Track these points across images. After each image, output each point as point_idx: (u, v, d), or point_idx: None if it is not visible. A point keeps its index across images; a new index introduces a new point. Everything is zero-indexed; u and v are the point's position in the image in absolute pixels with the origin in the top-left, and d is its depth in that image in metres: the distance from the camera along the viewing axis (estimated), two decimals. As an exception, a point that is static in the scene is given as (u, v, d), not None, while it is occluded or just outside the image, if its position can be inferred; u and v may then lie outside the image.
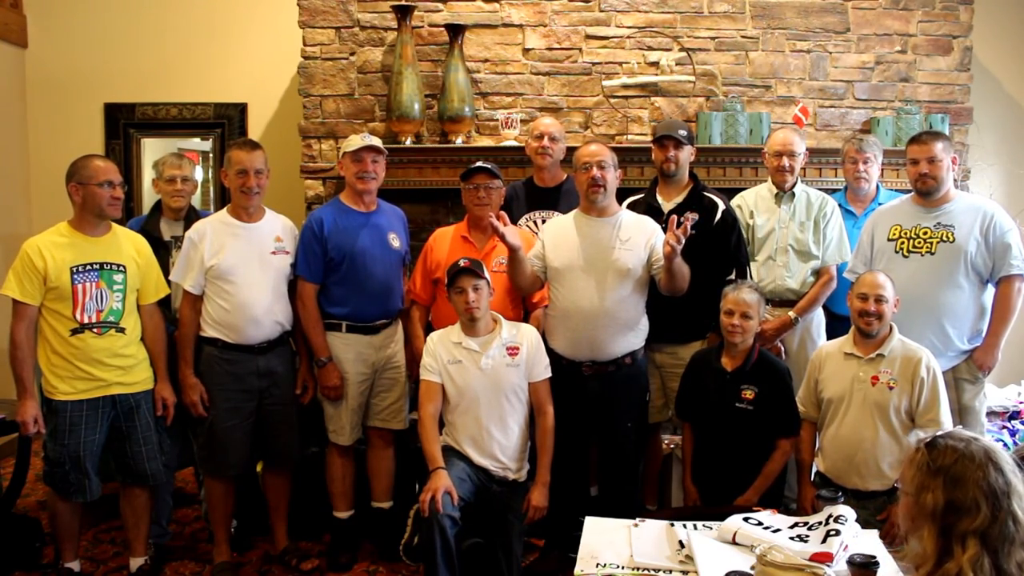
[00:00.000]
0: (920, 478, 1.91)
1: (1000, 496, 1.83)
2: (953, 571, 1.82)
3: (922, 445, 1.95)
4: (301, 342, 4.16)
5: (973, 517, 1.83)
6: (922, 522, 1.90)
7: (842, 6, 5.64)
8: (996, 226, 3.89)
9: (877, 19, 5.67)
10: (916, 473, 1.92)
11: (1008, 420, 5.38)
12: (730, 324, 3.63)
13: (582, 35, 5.51)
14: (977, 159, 5.93)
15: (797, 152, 4.21)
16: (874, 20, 5.67)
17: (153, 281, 3.95)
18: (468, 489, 3.65)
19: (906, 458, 1.97)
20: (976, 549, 1.81)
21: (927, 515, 1.88)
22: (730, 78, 5.56)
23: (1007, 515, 1.83)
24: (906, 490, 1.95)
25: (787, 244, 4.18)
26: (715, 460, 3.72)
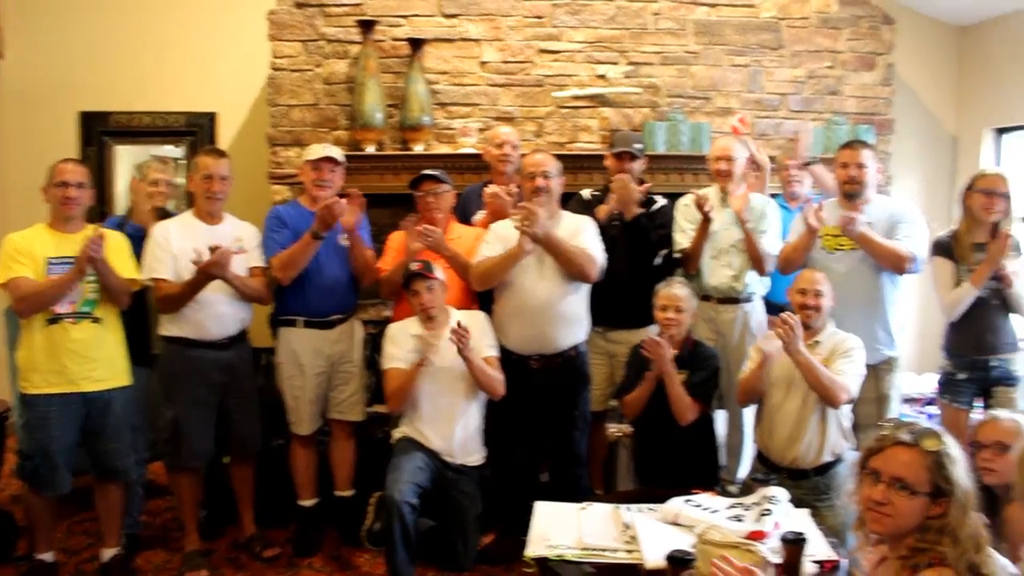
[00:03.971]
0: (938, 473, 1.88)
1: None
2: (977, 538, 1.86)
3: (938, 447, 1.90)
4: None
5: (971, 492, 1.90)
6: (942, 511, 1.86)
7: (777, 24, 5.65)
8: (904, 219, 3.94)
9: (808, 37, 5.70)
10: (935, 472, 1.88)
11: (924, 406, 5.42)
12: (665, 318, 3.66)
13: (535, 49, 5.46)
14: (899, 166, 5.98)
15: (735, 158, 4.19)
16: (806, 38, 5.69)
17: (122, 261, 3.77)
18: (426, 477, 3.64)
19: (906, 462, 1.90)
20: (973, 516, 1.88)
21: (952, 502, 1.86)
22: (673, 90, 5.55)
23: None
24: (925, 491, 1.88)
25: (731, 244, 4.16)
26: (656, 443, 3.69)
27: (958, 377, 3.94)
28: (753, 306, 4.24)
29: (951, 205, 5.89)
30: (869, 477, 1.92)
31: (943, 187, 6.31)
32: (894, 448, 1.89)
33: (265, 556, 4.07)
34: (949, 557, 1.79)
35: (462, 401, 3.74)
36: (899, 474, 1.87)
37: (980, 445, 2.80)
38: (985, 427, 2.85)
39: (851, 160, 3.94)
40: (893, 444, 1.90)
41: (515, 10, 5.41)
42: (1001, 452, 2.74)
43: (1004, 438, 2.76)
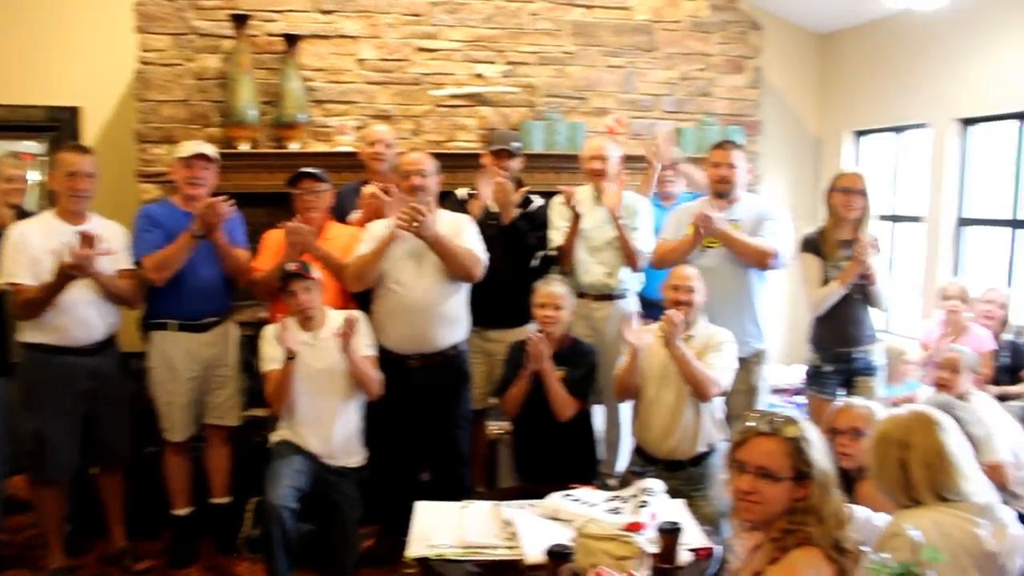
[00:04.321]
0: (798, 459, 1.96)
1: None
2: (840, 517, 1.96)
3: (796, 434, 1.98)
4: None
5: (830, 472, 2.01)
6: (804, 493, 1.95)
7: (650, 27, 5.79)
8: (769, 216, 4.09)
9: (681, 40, 5.85)
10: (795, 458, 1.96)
11: (793, 396, 5.64)
12: (544, 316, 3.69)
13: (413, 47, 5.43)
14: (767, 166, 6.20)
15: (610, 157, 4.27)
16: (678, 41, 5.85)
17: None
18: (305, 480, 3.57)
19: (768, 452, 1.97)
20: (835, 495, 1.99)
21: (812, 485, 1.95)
22: (550, 90, 5.62)
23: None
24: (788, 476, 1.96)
25: (605, 242, 4.23)
26: (536, 440, 3.73)
27: (823, 369, 4.12)
28: (628, 302, 4.33)
29: (816, 203, 6.17)
30: (736, 469, 1.99)
31: (808, 186, 6.59)
32: (756, 439, 1.97)
33: (137, 570, 3.94)
34: (815, 536, 1.88)
35: (340, 402, 3.69)
36: (762, 463, 1.94)
37: (837, 431, 2.94)
38: (841, 414, 3.00)
39: (722, 160, 4.07)
40: (755, 435, 1.98)
41: (393, 8, 5.38)
42: (856, 437, 2.89)
43: (859, 424, 2.91)
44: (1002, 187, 5.43)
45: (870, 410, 2.94)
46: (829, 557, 1.86)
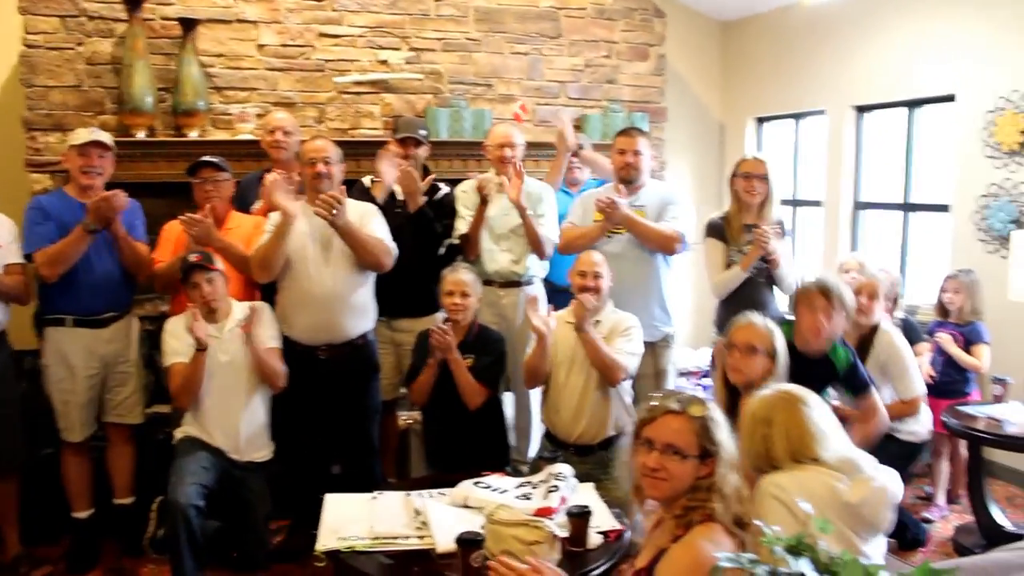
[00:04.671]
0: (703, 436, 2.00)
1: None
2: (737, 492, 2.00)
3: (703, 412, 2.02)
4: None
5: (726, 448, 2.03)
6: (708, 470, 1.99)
7: (555, 14, 5.82)
8: (673, 202, 4.15)
9: (586, 27, 5.90)
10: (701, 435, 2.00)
11: (700, 379, 5.79)
12: (451, 303, 3.67)
13: (315, 33, 5.35)
14: (672, 152, 6.32)
15: (517, 144, 4.28)
16: (583, 28, 5.90)
17: None
18: (212, 477, 3.51)
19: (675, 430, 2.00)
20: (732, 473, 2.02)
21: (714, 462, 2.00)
22: (455, 77, 5.61)
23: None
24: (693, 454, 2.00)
25: (510, 229, 4.25)
26: (446, 428, 3.74)
27: (728, 349, 4.21)
28: (534, 289, 4.35)
29: (721, 188, 6.32)
30: (643, 446, 2.03)
31: (713, 172, 6.74)
32: (665, 417, 2.01)
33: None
34: (717, 512, 1.93)
35: (246, 396, 3.62)
36: (670, 440, 1.99)
37: (732, 346, 3.00)
38: (740, 330, 3.05)
39: (627, 147, 4.11)
40: (663, 413, 2.02)
41: (294, -8, 5.28)
42: (750, 354, 2.96)
43: (755, 342, 2.98)
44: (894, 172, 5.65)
45: (770, 330, 3.00)
46: (730, 532, 1.92)
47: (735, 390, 3.01)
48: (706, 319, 4.87)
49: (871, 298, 3.87)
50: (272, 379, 3.63)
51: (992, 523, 3.97)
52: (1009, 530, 3.89)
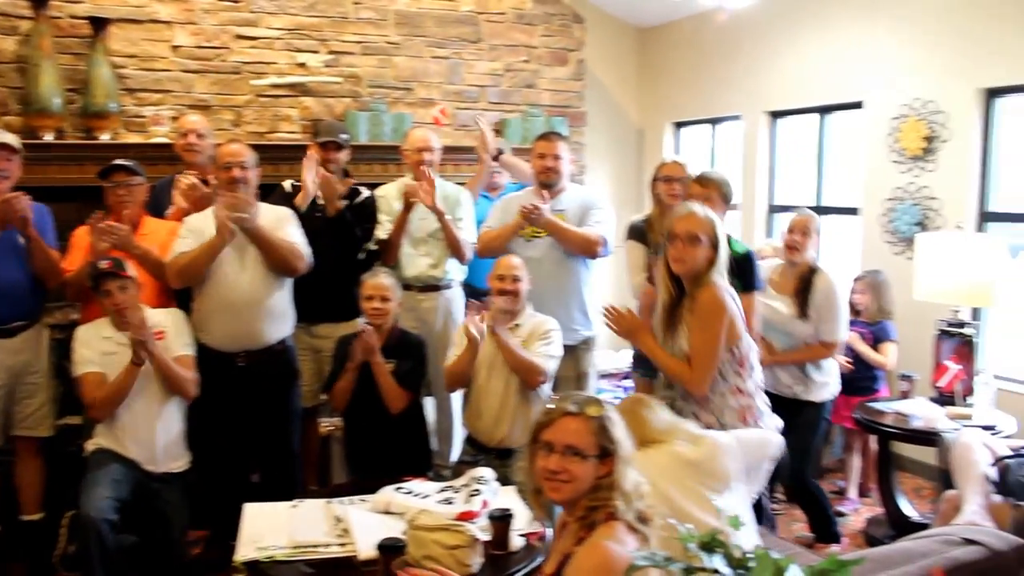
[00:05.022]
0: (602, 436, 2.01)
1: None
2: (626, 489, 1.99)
3: (600, 413, 2.03)
4: None
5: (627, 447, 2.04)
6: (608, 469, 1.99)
7: (475, 18, 5.84)
8: (594, 206, 4.19)
9: (505, 32, 5.94)
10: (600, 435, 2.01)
11: (621, 380, 5.86)
12: (372, 308, 3.66)
13: (231, 34, 5.27)
14: (591, 156, 6.39)
15: (435, 148, 4.28)
16: (503, 32, 5.93)
17: None
18: (126, 489, 3.41)
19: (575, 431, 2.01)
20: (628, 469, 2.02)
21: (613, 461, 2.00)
22: (375, 80, 5.59)
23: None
24: (594, 454, 2.00)
25: (428, 233, 4.25)
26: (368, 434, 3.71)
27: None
28: (454, 292, 4.37)
29: (640, 192, 6.42)
30: (542, 449, 2.05)
31: (632, 175, 6.84)
32: (563, 419, 2.03)
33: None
34: (619, 510, 1.96)
35: (160, 405, 3.53)
36: (570, 442, 2.01)
37: (674, 236, 2.98)
38: (681, 220, 3.01)
39: (547, 151, 4.14)
40: (561, 416, 2.04)
41: (209, -8, 5.20)
42: (692, 244, 2.94)
43: (697, 230, 2.95)
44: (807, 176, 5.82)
45: (710, 219, 3.01)
46: (633, 529, 1.94)
47: (680, 283, 3.04)
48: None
49: (804, 234, 3.94)
50: (182, 388, 3.55)
51: (900, 514, 4.11)
52: (916, 520, 4.03)
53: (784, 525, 4.32)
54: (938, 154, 4.80)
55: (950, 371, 4.13)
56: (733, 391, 3.00)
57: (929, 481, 4.65)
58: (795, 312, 3.90)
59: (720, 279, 2.98)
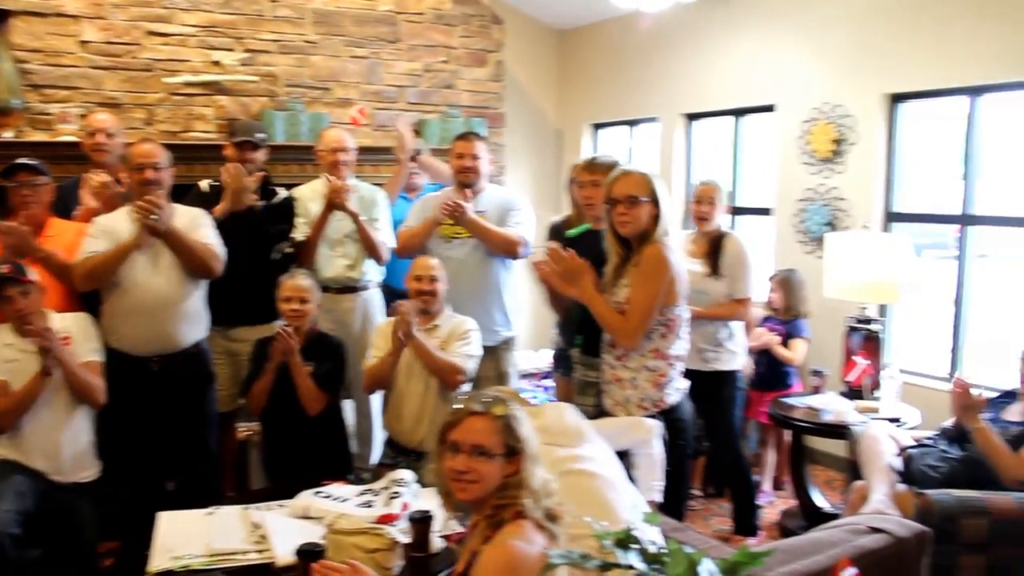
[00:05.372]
0: (506, 435, 2.00)
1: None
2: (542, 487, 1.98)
3: (505, 411, 2.03)
4: None
5: (531, 446, 2.02)
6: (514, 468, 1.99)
7: (394, 18, 5.81)
8: (514, 207, 4.22)
9: (424, 32, 5.92)
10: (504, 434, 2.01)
11: (542, 379, 5.90)
12: (290, 310, 3.61)
13: (143, 30, 5.14)
14: (510, 157, 6.41)
15: (350, 148, 4.25)
16: (422, 33, 5.91)
17: None
18: (30, 501, 3.27)
19: (480, 430, 2.01)
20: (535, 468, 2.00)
21: (519, 460, 2.00)
22: (292, 80, 5.52)
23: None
24: (499, 453, 2.00)
25: (344, 234, 4.22)
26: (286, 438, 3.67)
27: (568, 351, 4.31)
28: (371, 294, 4.35)
29: (559, 193, 6.46)
30: (449, 450, 2.05)
31: (551, 176, 6.88)
32: (469, 419, 2.04)
33: None
34: (527, 508, 1.97)
35: (66, 413, 3.41)
36: (477, 441, 2.01)
37: (615, 200, 3.00)
38: (617, 183, 3.03)
39: (465, 151, 4.14)
40: (467, 415, 2.04)
41: (119, -14, 5.06)
42: (633, 205, 2.97)
43: (634, 191, 2.97)
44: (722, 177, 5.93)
45: (646, 176, 3.03)
46: (541, 527, 1.94)
47: (627, 241, 3.06)
48: (546, 322, 4.97)
49: (711, 204, 4.04)
50: (90, 396, 3.44)
51: (813, 505, 4.23)
52: (828, 511, 4.14)
53: (701, 520, 4.40)
54: (846, 156, 4.95)
55: (858, 366, 4.27)
56: (655, 352, 3.02)
57: (840, 473, 4.78)
58: (708, 271, 3.98)
59: (668, 239, 3.02)
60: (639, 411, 3.00)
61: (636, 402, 3.02)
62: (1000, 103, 4.52)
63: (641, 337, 2.98)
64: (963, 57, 4.34)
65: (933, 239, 7.19)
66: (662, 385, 3.03)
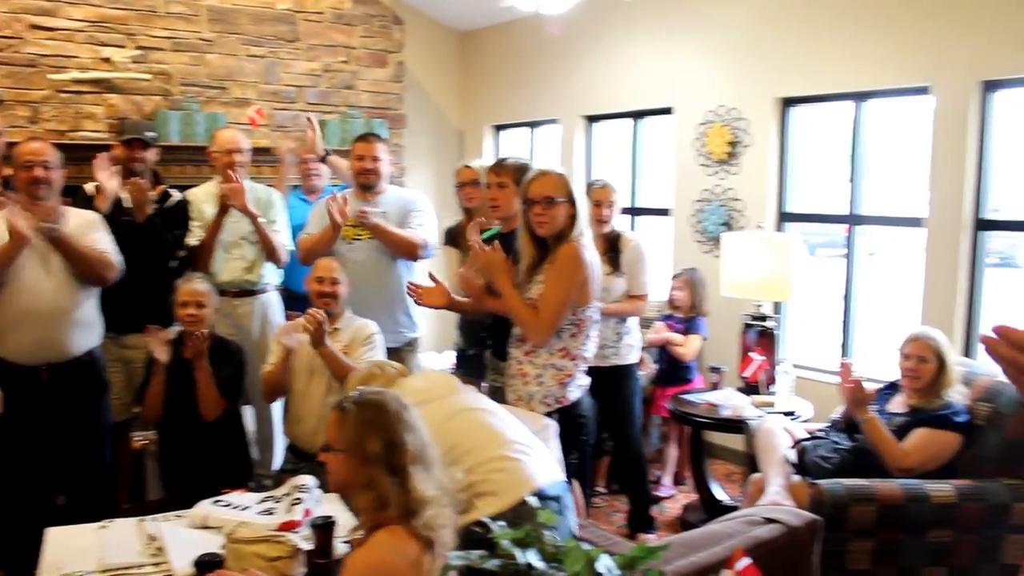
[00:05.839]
0: (357, 433, 1.98)
1: (415, 427, 2.02)
2: (415, 495, 1.92)
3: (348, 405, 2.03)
4: None
5: (407, 448, 1.96)
6: (370, 468, 1.96)
7: (292, 17, 5.72)
8: (415, 209, 4.19)
9: (324, 31, 5.84)
10: (352, 431, 1.99)
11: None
12: (187, 315, 3.53)
13: (25, 23, 4.93)
14: (411, 158, 6.38)
15: (244, 149, 4.17)
16: (321, 32, 5.83)
17: None
18: None
19: (331, 423, 2.04)
20: (420, 473, 1.95)
21: (373, 460, 1.96)
22: (187, 78, 5.38)
23: (424, 440, 2.02)
24: (342, 448, 2.00)
25: (240, 237, 4.15)
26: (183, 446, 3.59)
27: (469, 352, 4.31)
28: (270, 297, 4.28)
29: (460, 194, 6.46)
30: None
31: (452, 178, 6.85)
32: (331, 414, 2.07)
33: None
34: (399, 515, 1.92)
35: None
36: (330, 437, 2.04)
37: (532, 201, 3.02)
38: (534, 184, 3.05)
39: (366, 152, 4.11)
40: (331, 412, 2.07)
41: (-1, -22, 4.85)
42: (549, 205, 2.99)
43: (551, 192, 3.00)
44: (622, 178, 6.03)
45: (562, 176, 3.05)
46: (415, 535, 1.90)
47: (544, 241, 3.07)
48: (449, 323, 4.96)
49: (609, 206, 4.10)
50: None
51: (713, 499, 4.33)
52: (727, 503, 4.25)
53: (604, 517, 4.46)
54: (741, 158, 5.09)
55: (754, 362, 4.38)
56: (563, 352, 3.05)
57: (739, 466, 4.91)
58: (609, 270, 4.04)
59: (585, 240, 3.04)
60: (541, 407, 3.03)
61: (539, 399, 3.05)
62: (884, 108, 4.71)
63: (550, 334, 3.00)
64: (849, 64, 4.52)
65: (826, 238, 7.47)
66: (566, 384, 3.06)
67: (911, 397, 3.30)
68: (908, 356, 3.30)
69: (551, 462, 2.68)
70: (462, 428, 2.57)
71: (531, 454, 2.57)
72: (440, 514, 1.92)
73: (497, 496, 2.43)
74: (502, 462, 2.51)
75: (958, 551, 2.97)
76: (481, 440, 2.56)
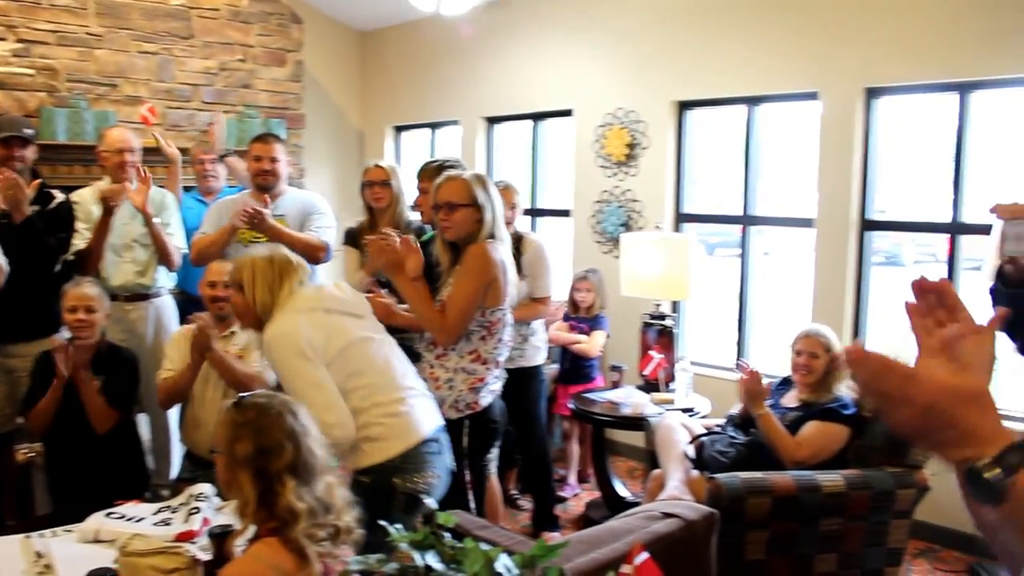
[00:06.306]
0: (231, 433, 1.95)
1: (298, 436, 1.96)
2: (283, 505, 1.88)
3: (230, 406, 2.01)
4: None
5: (281, 456, 1.92)
6: (238, 470, 1.93)
7: (186, 12, 5.57)
8: (315, 210, 4.15)
9: (220, 29, 5.71)
10: (227, 430, 1.97)
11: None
12: (75, 320, 3.40)
13: None
14: (311, 159, 6.30)
15: (135, 148, 4.05)
16: (217, 29, 5.70)
17: None
18: None
19: (220, 422, 2.02)
20: (292, 482, 1.90)
21: (242, 463, 1.92)
22: (74, 75, 5.17)
23: (306, 450, 1.96)
24: (221, 449, 1.98)
25: (132, 239, 4.03)
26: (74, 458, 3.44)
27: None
28: (164, 301, 4.17)
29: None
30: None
31: (352, 179, 6.74)
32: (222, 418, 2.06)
33: None
34: (277, 526, 1.90)
35: None
36: (216, 440, 2.05)
37: (438, 206, 3.04)
38: (440, 189, 3.08)
39: (263, 153, 4.03)
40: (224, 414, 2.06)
41: None
42: (452, 210, 3.00)
43: (453, 197, 3.01)
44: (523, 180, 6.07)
45: (466, 182, 3.05)
46: (292, 547, 1.87)
47: (456, 247, 3.06)
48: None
49: (511, 207, 4.09)
50: None
51: (616, 496, 4.38)
52: (630, 500, 4.31)
53: (509, 517, 4.47)
54: (639, 160, 5.18)
55: (654, 360, 4.46)
56: (473, 355, 3.04)
57: (640, 463, 4.99)
58: None
59: (495, 241, 3.03)
60: (452, 412, 3.02)
61: (450, 403, 3.03)
62: (775, 112, 4.87)
63: (457, 334, 2.99)
64: (742, 70, 4.65)
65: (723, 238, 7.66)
66: (477, 389, 3.06)
67: (803, 392, 3.42)
68: (800, 352, 3.41)
69: (433, 406, 2.81)
70: (368, 358, 2.66)
71: (418, 397, 2.73)
72: (316, 528, 1.89)
73: (387, 442, 2.59)
74: (394, 406, 2.63)
75: (848, 537, 3.08)
76: (381, 380, 2.65)
